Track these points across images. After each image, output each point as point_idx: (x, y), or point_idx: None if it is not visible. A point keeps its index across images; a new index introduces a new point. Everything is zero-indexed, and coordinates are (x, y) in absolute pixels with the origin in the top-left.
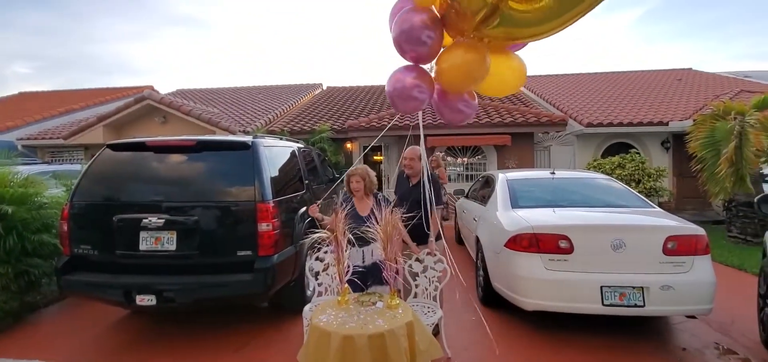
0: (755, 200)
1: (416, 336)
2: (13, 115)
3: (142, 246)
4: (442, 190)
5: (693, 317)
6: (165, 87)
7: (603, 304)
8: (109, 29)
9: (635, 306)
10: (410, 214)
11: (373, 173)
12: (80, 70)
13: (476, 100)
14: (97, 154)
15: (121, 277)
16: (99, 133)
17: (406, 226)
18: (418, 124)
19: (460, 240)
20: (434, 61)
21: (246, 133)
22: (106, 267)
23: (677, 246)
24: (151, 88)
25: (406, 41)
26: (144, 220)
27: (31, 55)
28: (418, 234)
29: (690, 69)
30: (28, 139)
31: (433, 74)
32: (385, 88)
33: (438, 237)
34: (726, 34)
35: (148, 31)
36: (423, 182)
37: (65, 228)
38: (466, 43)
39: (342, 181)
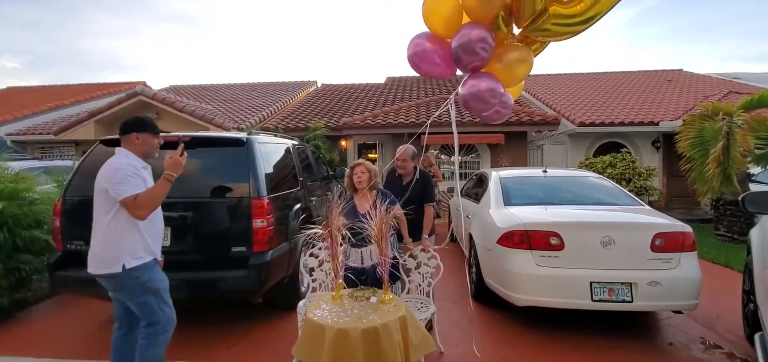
0: (739, 198)
1: (409, 331)
2: (1, 110)
3: None
4: (434, 188)
5: (679, 312)
6: (157, 83)
7: (592, 300)
8: (99, 23)
9: (623, 301)
10: (404, 212)
11: (376, 168)
12: (70, 65)
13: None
14: (90, 150)
15: None
16: (90, 128)
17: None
18: (413, 121)
19: (453, 238)
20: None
21: (240, 130)
22: None
23: (664, 243)
24: (144, 83)
25: (464, 53)
26: None
27: (19, 50)
28: (412, 232)
29: (680, 70)
30: (18, 134)
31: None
32: (460, 91)
33: (431, 233)
34: (715, 35)
35: (140, 27)
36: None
37: (58, 223)
38: (513, 45)
39: (337, 177)
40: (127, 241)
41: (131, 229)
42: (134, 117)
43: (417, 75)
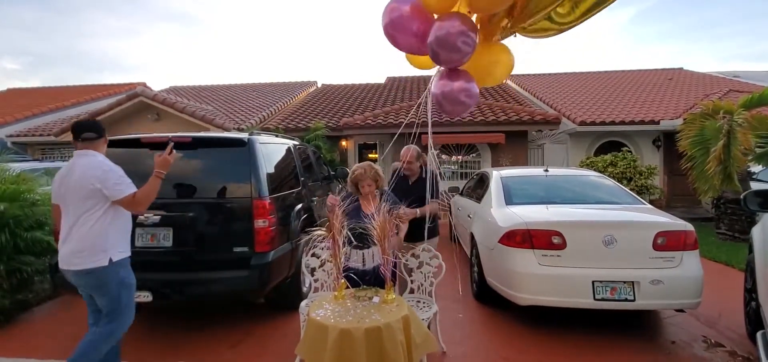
0: (741, 197)
1: (412, 330)
2: (2, 111)
3: (138, 243)
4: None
5: (682, 311)
6: (157, 83)
7: (594, 299)
8: (99, 23)
9: (626, 300)
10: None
11: (379, 169)
12: (70, 66)
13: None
14: None
15: None
16: None
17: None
18: (413, 121)
19: (454, 238)
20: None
21: (240, 130)
22: None
23: (666, 242)
24: (144, 84)
25: (441, 48)
26: (139, 217)
27: (19, 51)
28: (417, 232)
29: (681, 69)
30: (18, 135)
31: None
32: (433, 90)
33: (433, 234)
34: (716, 34)
35: (140, 27)
36: (429, 174)
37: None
38: (496, 46)
39: (339, 178)
40: (114, 237)
41: (117, 226)
42: (99, 121)
43: (417, 74)
